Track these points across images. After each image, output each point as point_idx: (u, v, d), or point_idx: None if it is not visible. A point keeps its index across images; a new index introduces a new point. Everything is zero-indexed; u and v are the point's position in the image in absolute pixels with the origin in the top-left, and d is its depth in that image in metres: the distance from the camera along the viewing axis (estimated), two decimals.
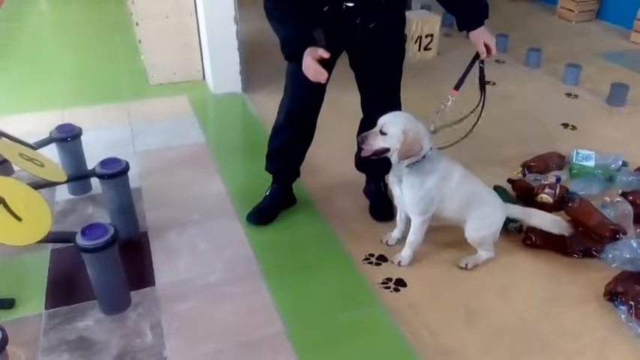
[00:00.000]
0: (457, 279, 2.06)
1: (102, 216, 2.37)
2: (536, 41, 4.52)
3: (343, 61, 2.19)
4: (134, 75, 4.02)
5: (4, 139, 1.99)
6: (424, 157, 1.93)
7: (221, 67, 3.72)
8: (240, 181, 2.71)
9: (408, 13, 4.73)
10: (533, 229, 2.18)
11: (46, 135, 2.41)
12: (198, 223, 2.37)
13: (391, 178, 2.06)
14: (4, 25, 5.57)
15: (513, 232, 2.26)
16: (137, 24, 3.71)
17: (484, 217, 2.06)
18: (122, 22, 5.20)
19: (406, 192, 1.99)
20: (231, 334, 1.81)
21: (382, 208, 2.41)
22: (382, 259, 2.15)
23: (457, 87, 2.03)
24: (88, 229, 1.69)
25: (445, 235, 2.24)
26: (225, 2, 3.48)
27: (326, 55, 1.81)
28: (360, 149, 2.01)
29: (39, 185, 1.98)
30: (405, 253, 2.11)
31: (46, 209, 1.74)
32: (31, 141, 2.29)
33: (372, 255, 2.17)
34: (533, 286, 2.03)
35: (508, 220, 2.18)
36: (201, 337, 1.79)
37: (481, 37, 1.98)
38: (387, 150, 1.91)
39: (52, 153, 2.39)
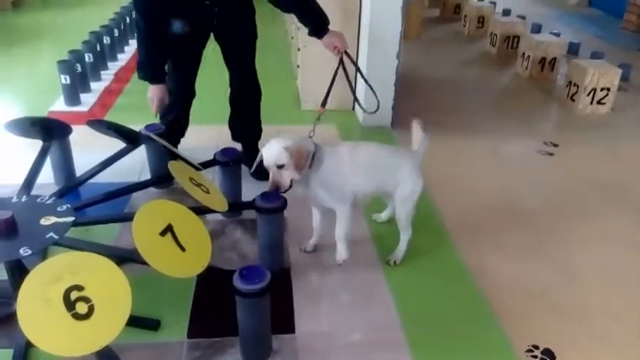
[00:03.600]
0: None
1: (248, 243, 2.35)
2: None
3: None
4: (287, 98, 4.07)
5: (173, 161, 2.02)
6: (313, 156, 1.99)
7: (373, 100, 3.62)
8: (381, 225, 2.54)
9: (583, 62, 4.33)
10: None
11: (202, 152, 2.49)
12: (341, 269, 2.24)
13: (297, 192, 2.07)
14: None
15: None
16: (299, 49, 3.75)
17: (403, 183, 2.13)
18: (282, 44, 5.35)
19: (317, 191, 2.04)
20: None
21: (263, 170, 2.59)
22: (549, 354, 1.85)
23: (323, 104, 2.33)
24: (246, 271, 1.62)
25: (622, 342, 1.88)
26: (390, 37, 3.38)
27: (165, 101, 2.54)
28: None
29: (198, 210, 1.97)
30: (341, 247, 2.13)
31: (207, 242, 1.71)
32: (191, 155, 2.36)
33: (536, 347, 1.87)
34: None
35: None
36: None
37: (330, 40, 2.50)
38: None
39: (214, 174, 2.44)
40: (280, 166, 1.92)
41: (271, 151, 1.93)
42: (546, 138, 3.53)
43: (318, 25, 2.49)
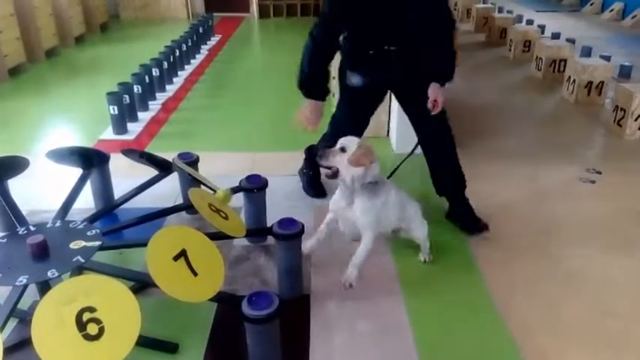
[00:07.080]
0: None
1: (271, 269, 2.37)
2: None
3: None
4: (323, 126, 4.12)
5: (194, 189, 2.10)
6: (376, 181, 2.14)
7: (406, 128, 3.60)
8: (408, 255, 2.51)
9: (629, 86, 4.16)
10: None
11: (235, 178, 2.55)
12: (360, 296, 2.23)
13: (338, 204, 2.20)
14: (224, 66, 6.26)
15: None
16: (333, 78, 3.81)
17: (418, 216, 2.36)
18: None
19: (358, 212, 2.13)
20: None
21: (478, 221, 2.66)
22: None
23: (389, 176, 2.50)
24: (255, 297, 1.66)
25: None
26: None
27: (313, 125, 2.70)
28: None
29: (219, 235, 2.03)
30: (352, 272, 2.12)
31: (220, 267, 1.76)
32: (220, 183, 2.43)
33: None
34: None
35: None
36: None
37: (433, 93, 2.42)
38: (338, 171, 2.08)
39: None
40: (342, 149, 2.09)
41: (349, 137, 2.14)
42: (589, 165, 3.39)
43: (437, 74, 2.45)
